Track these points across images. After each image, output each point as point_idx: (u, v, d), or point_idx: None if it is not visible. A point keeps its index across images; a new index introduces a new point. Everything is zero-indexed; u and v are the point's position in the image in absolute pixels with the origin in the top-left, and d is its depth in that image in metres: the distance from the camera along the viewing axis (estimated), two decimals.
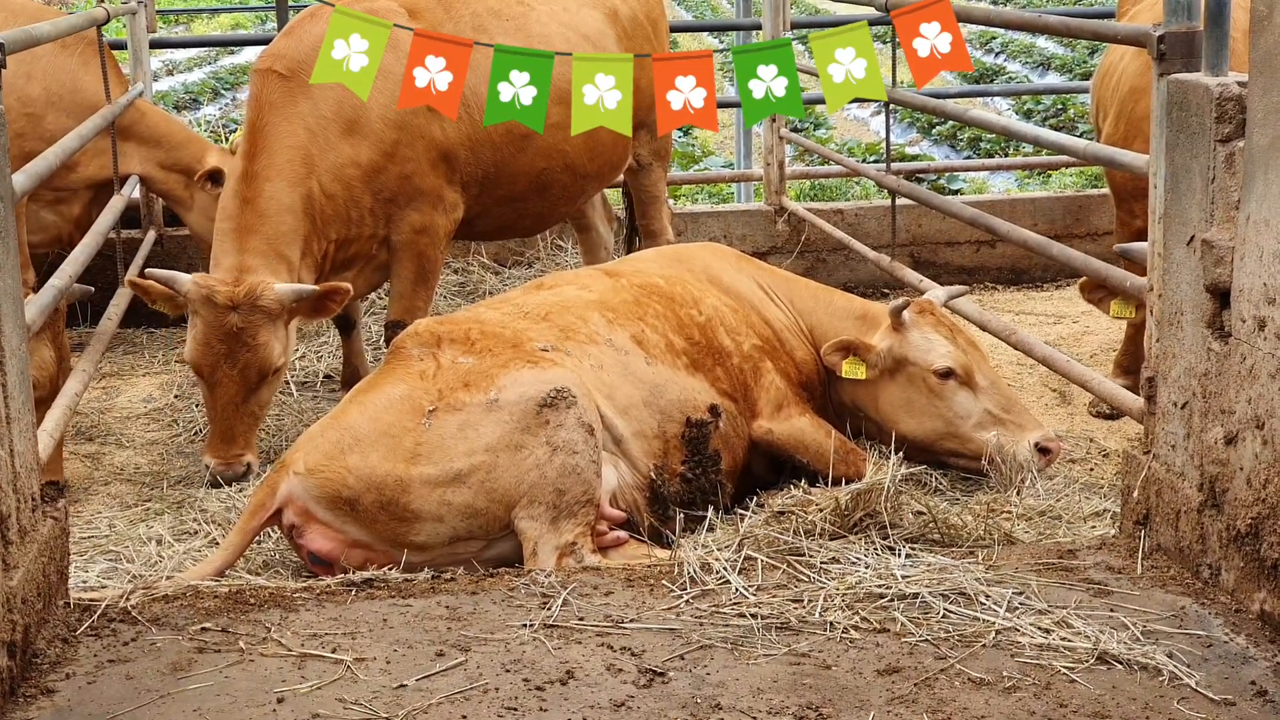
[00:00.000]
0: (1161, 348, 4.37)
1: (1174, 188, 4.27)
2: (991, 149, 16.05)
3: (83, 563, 5.01)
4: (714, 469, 5.29)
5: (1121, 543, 4.50)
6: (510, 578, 4.37)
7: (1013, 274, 9.12)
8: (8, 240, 3.84)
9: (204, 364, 5.90)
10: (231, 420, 5.92)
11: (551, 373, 4.90)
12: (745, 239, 8.96)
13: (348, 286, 6.04)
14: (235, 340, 5.85)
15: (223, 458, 5.91)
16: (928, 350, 5.69)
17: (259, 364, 5.90)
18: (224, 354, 5.86)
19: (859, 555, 4.41)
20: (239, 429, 5.94)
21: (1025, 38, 25.67)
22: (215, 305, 5.85)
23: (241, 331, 5.85)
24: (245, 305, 5.84)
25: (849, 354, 5.70)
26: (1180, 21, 4.37)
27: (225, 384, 5.89)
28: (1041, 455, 5.54)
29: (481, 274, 8.79)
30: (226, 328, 5.84)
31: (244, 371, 5.88)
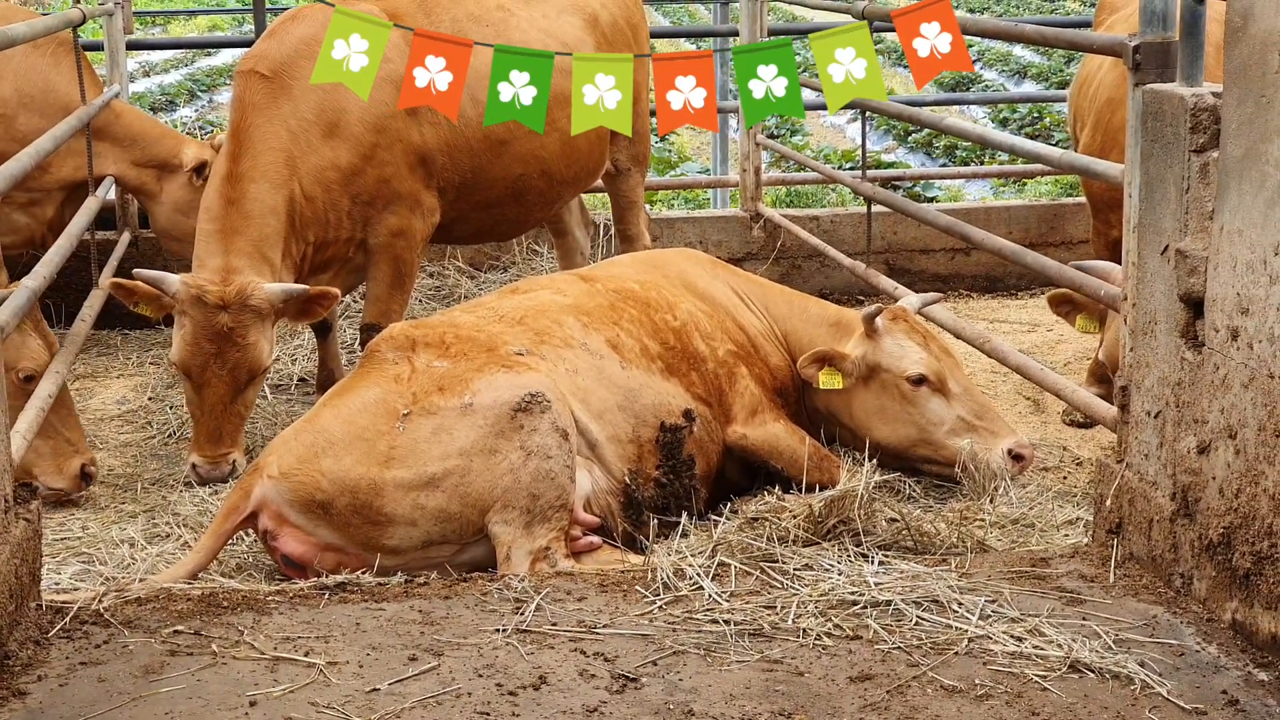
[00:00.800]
0: (1135, 357, 4.39)
1: (1148, 197, 4.29)
2: (967, 157, 16.11)
3: (55, 564, 4.98)
4: (688, 474, 5.29)
5: (1094, 551, 4.52)
6: (483, 583, 4.37)
7: (987, 282, 9.15)
8: None
9: (193, 364, 5.89)
10: (219, 419, 5.91)
11: (526, 377, 4.90)
12: (721, 245, 8.97)
13: (336, 291, 6.05)
14: (225, 340, 5.85)
15: (209, 456, 5.90)
16: (900, 357, 5.70)
17: (249, 363, 5.90)
18: (213, 354, 5.85)
19: (832, 562, 4.42)
20: (226, 428, 5.93)
21: (1001, 46, 25.76)
22: (205, 305, 5.84)
23: (231, 331, 5.84)
24: (235, 305, 5.84)
25: (825, 365, 5.69)
26: (1155, 32, 4.40)
27: (214, 384, 5.88)
28: (1015, 462, 5.55)
29: (457, 278, 8.78)
30: (216, 327, 5.84)
31: (234, 371, 5.88)
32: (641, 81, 7.59)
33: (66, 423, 5.71)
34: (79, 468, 5.69)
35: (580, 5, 7.17)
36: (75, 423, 5.79)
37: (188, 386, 5.99)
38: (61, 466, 5.67)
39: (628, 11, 7.51)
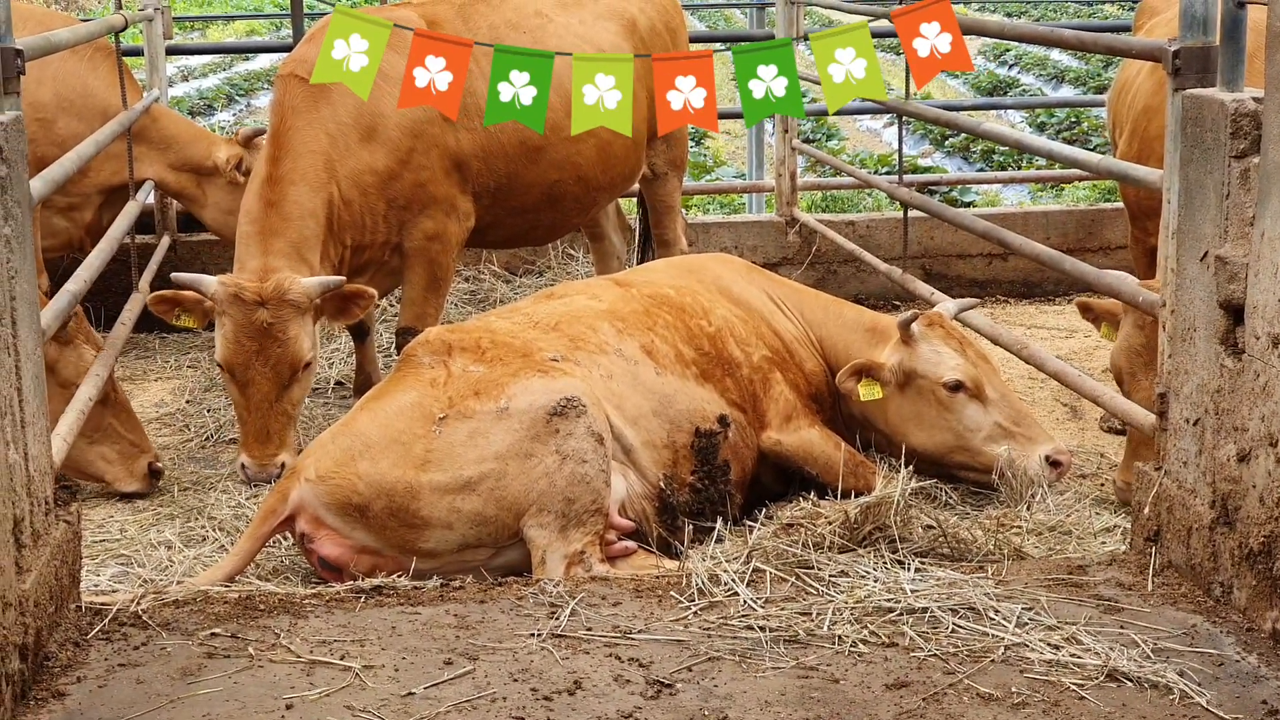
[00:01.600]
0: (1174, 363, 4.36)
1: (1188, 203, 4.26)
2: (1004, 161, 16.05)
3: (94, 566, 5.02)
4: (723, 479, 5.29)
5: (1132, 559, 4.50)
6: (519, 587, 4.37)
7: (1025, 288, 9.11)
8: (25, 246, 3.86)
9: (235, 363, 5.91)
10: (265, 418, 5.91)
11: (561, 382, 4.91)
12: (756, 250, 8.97)
13: (372, 291, 6.06)
14: (265, 336, 5.87)
15: (258, 458, 5.90)
16: (937, 363, 5.68)
17: (290, 358, 5.91)
18: (255, 351, 5.87)
19: (868, 569, 4.41)
20: (273, 427, 5.93)
21: (1039, 50, 25.66)
22: (244, 302, 5.87)
23: (271, 327, 5.87)
24: (273, 300, 5.87)
25: (863, 377, 5.67)
26: (1196, 37, 4.37)
27: (258, 381, 5.89)
28: (1052, 468, 5.52)
29: (493, 282, 8.80)
30: (256, 324, 5.86)
31: (276, 367, 5.89)
32: None
33: (128, 425, 5.81)
34: (146, 467, 5.83)
35: (618, 10, 7.17)
36: (136, 423, 5.90)
37: (232, 387, 6.01)
38: (131, 469, 5.81)
39: (666, 16, 7.51)
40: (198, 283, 5.98)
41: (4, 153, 3.70)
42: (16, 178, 3.82)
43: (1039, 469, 5.49)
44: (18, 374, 3.73)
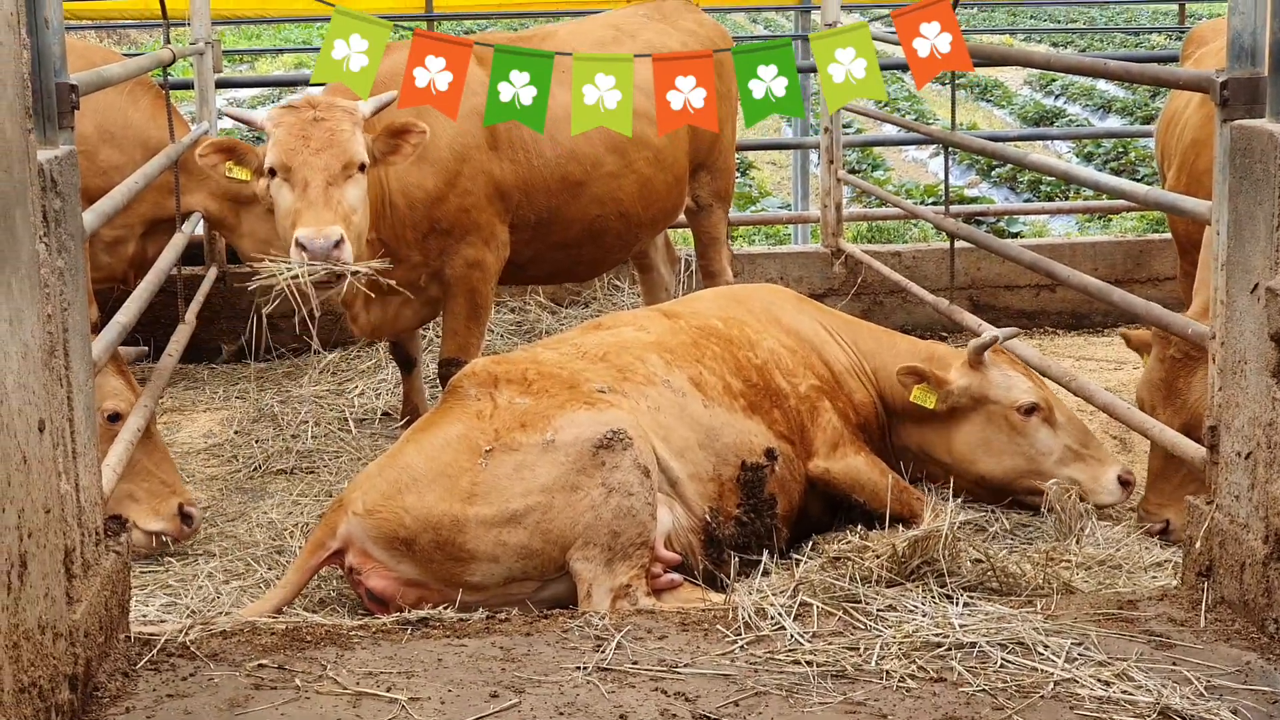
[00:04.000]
0: (1224, 396, 4.32)
1: (1237, 235, 4.23)
2: (1052, 192, 15.99)
3: (143, 597, 5.04)
4: (769, 513, 5.27)
5: (1184, 594, 4.45)
6: (564, 619, 4.37)
7: (1073, 319, 9.06)
8: (78, 278, 3.89)
9: (285, 155, 5.74)
10: (320, 196, 5.68)
11: (608, 414, 4.91)
12: (802, 280, 8.96)
13: (424, 127, 5.93)
14: (314, 127, 5.76)
15: (311, 223, 5.61)
16: (1009, 388, 5.75)
17: (340, 146, 5.75)
18: (303, 140, 5.73)
19: (916, 603, 4.38)
20: (329, 203, 5.68)
21: (1086, 80, 25.57)
22: (295, 108, 5.82)
23: (321, 121, 5.77)
24: (324, 105, 5.83)
25: (921, 381, 5.71)
26: (1244, 67, 4.34)
27: (310, 164, 5.71)
28: (1123, 488, 5.68)
29: (538, 313, 8.81)
30: (306, 120, 5.77)
31: (327, 153, 5.73)
32: (726, 117, 7.60)
33: (160, 464, 5.59)
34: (176, 507, 5.54)
35: (657, 46, 7.17)
36: (169, 464, 5.67)
37: (283, 190, 5.78)
38: (158, 508, 5.52)
39: (715, 34, 7.56)
40: (248, 115, 5.97)
41: (58, 186, 3.74)
42: (70, 211, 3.86)
43: (1113, 489, 5.68)
44: (70, 405, 3.76)
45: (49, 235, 3.64)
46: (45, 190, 3.64)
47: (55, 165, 3.74)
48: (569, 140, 6.69)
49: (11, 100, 3.35)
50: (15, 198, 3.35)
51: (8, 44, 3.35)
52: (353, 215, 5.75)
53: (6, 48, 3.34)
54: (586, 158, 6.78)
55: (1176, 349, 5.35)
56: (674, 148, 7.13)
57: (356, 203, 5.80)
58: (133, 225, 7.55)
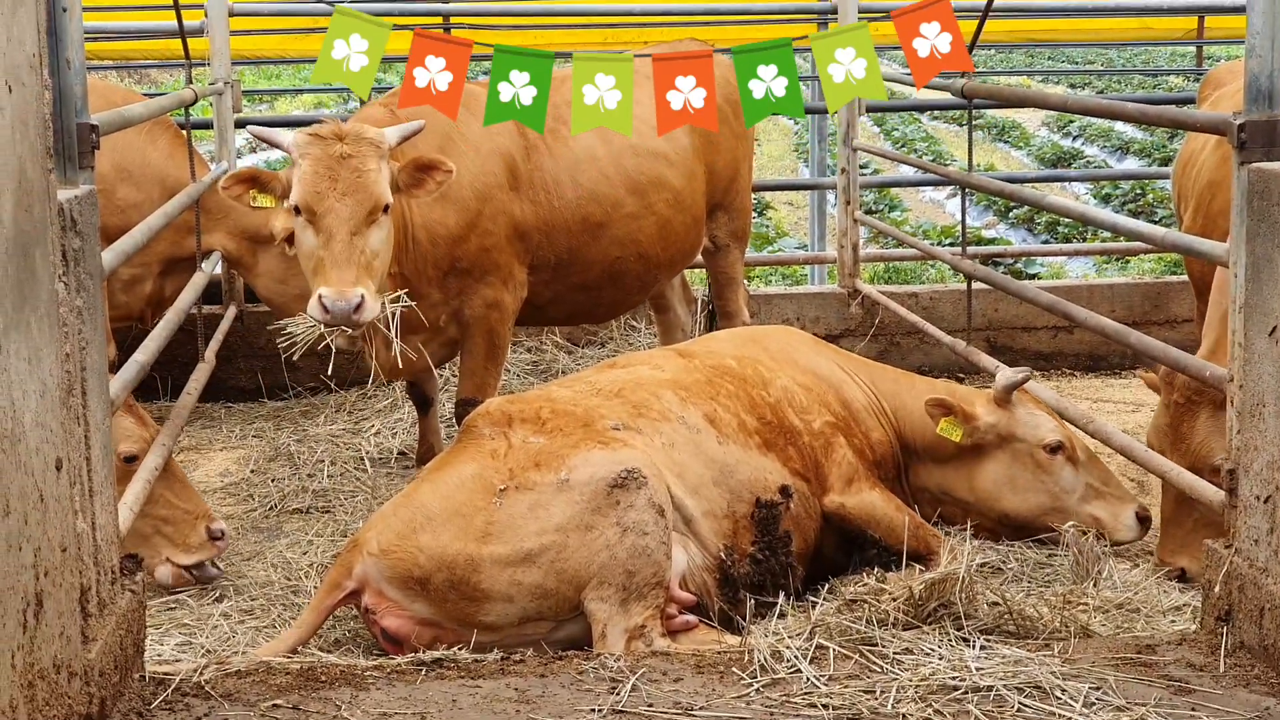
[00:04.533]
0: (1243, 440, 4.31)
1: (1255, 277, 4.22)
2: (1069, 233, 16.00)
3: (158, 636, 5.04)
4: (784, 550, 5.26)
5: (1203, 639, 4.42)
6: (579, 661, 4.35)
7: (1090, 360, 9.05)
8: (96, 317, 3.91)
9: (312, 198, 5.71)
10: (344, 250, 5.64)
11: (622, 454, 4.90)
12: (819, 321, 8.96)
13: (451, 166, 5.90)
14: (342, 167, 5.72)
15: (335, 283, 5.58)
16: (1036, 426, 5.84)
17: (367, 190, 5.71)
18: (331, 182, 5.70)
19: (933, 646, 4.36)
20: (352, 258, 5.64)
21: (1104, 122, 25.61)
22: (321, 139, 5.78)
23: (348, 159, 5.73)
24: (351, 136, 5.78)
25: (948, 414, 5.75)
26: (1262, 110, 4.34)
27: (336, 211, 5.67)
28: (1141, 525, 5.75)
29: (555, 353, 8.83)
30: (333, 157, 5.73)
31: (353, 198, 5.69)
32: (742, 157, 7.62)
33: (181, 494, 5.61)
34: (204, 532, 5.57)
35: None
36: (190, 493, 5.67)
37: (308, 231, 5.77)
38: (188, 539, 5.55)
39: (727, 90, 7.52)
40: (274, 135, 5.95)
41: (78, 225, 3.76)
42: (89, 250, 3.88)
43: (1132, 526, 5.75)
44: (87, 444, 3.76)
45: (68, 274, 3.66)
46: (65, 229, 3.66)
47: (75, 205, 3.76)
48: (590, 182, 6.72)
49: (33, 140, 3.38)
50: (35, 237, 3.37)
51: (30, 85, 3.38)
52: (374, 261, 5.75)
53: (29, 88, 3.37)
54: (607, 199, 6.80)
55: (1179, 393, 5.36)
56: (692, 189, 7.16)
57: (379, 246, 5.79)
58: (150, 264, 7.58)
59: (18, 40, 3.28)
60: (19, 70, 3.28)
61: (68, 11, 3.91)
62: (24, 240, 3.28)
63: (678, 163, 7.07)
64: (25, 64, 3.34)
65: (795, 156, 23.98)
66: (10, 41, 3.23)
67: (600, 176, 6.79)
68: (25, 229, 3.29)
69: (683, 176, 7.08)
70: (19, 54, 3.29)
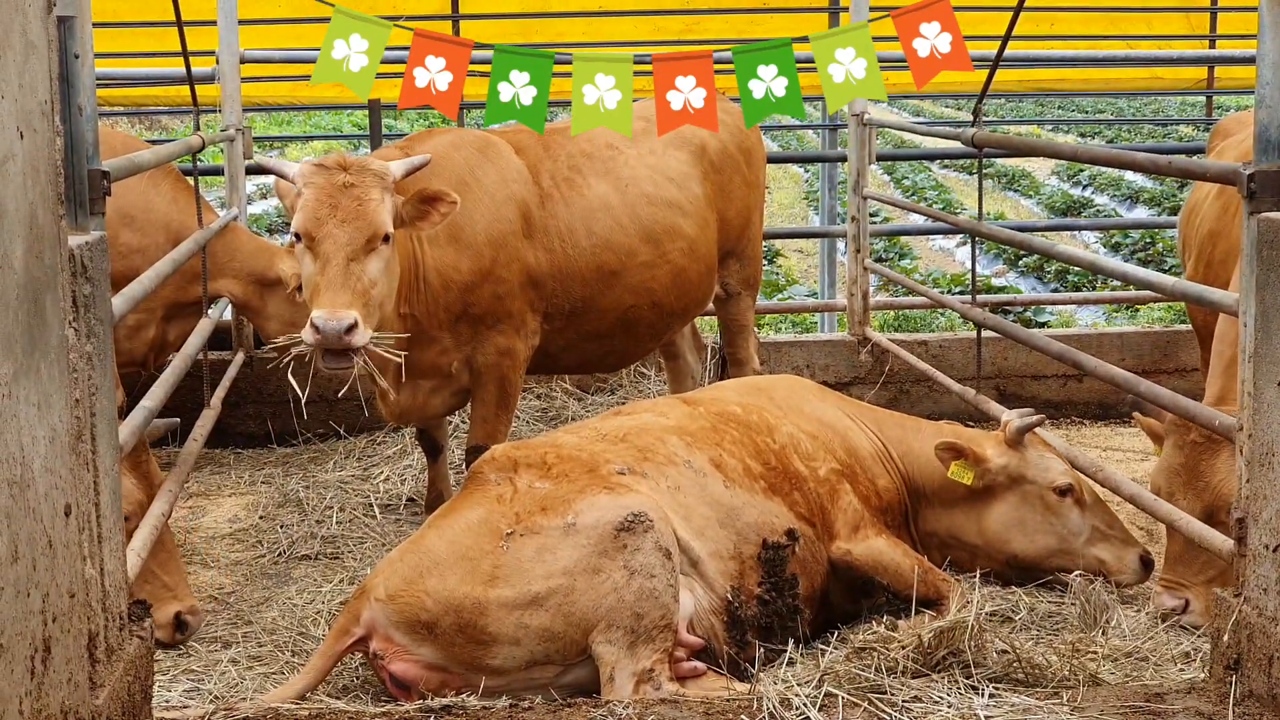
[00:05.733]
0: (1252, 489, 4.30)
1: (1264, 327, 4.22)
2: (1079, 282, 16.00)
3: (166, 682, 5.03)
4: (791, 592, 5.25)
5: (1212, 687, 4.40)
6: (588, 708, 4.33)
7: (1100, 409, 9.04)
8: (105, 363, 3.92)
9: (312, 224, 5.73)
10: (340, 275, 5.65)
11: (628, 498, 4.91)
12: (828, 369, 8.96)
13: (455, 198, 5.90)
14: (344, 195, 5.73)
15: (328, 305, 5.58)
16: (1046, 469, 5.87)
17: (367, 218, 5.72)
18: (331, 209, 5.71)
19: (941, 694, 4.34)
20: (347, 283, 5.64)
21: (1113, 171, 25.65)
22: (325, 168, 5.79)
23: (350, 188, 5.74)
24: (355, 167, 5.79)
25: (960, 457, 5.77)
26: (1271, 160, 4.35)
27: (333, 235, 5.68)
28: (1145, 569, 5.79)
29: (564, 400, 8.83)
30: (335, 185, 5.74)
31: (352, 224, 5.68)
32: (754, 205, 7.64)
33: (165, 566, 5.39)
34: (173, 615, 5.37)
35: (687, 137, 7.20)
36: (175, 566, 5.47)
37: (307, 257, 5.78)
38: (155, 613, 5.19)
39: (739, 137, 7.55)
40: (280, 167, 5.96)
41: (88, 271, 3.77)
42: (100, 296, 3.89)
43: (1136, 569, 5.79)
44: (96, 490, 3.77)
45: (78, 320, 3.67)
46: (75, 276, 3.67)
47: (86, 251, 3.78)
48: (604, 230, 6.75)
49: (44, 187, 3.40)
50: (46, 283, 3.38)
51: (41, 131, 3.40)
52: (372, 289, 5.75)
53: (40, 135, 3.39)
54: (621, 247, 6.82)
55: (1198, 433, 5.36)
56: (706, 237, 7.18)
57: (377, 275, 5.79)
58: (154, 309, 7.60)
59: (29, 87, 3.30)
60: (31, 117, 3.30)
61: (80, 59, 3.94)
62: (35, 286, 3.29)
63: (692, 212, 7.09)
64: (37, 110, 3.37)
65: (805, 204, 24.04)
66: (22, 88, 3.25)
67: (615, 225, 6.81)
68: (36, 275, 3.31)
69: (697, 225, 7.10)
70: (31, 101, 3.31)
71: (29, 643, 3.15)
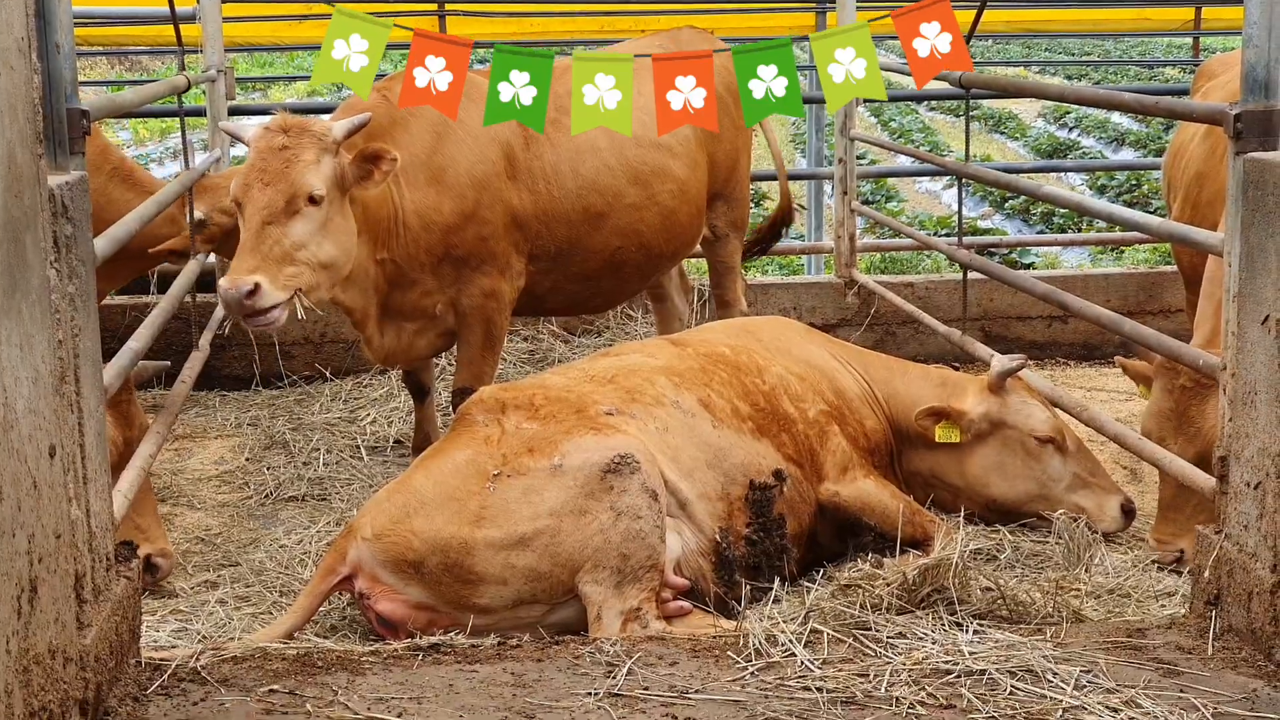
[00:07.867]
0: (1234, 427, 4.32)
1: (1249, 266, 4.24)
2: (1065, 224, 16.00)
3: (154, 622, 5.05)
4: (778, 532, 5.28)
5: (1192, 623, 4.44)
6: (575, 645, 4.36)
7: (1085, 350, 9.06)
8: (89, 304, 3.91)
9: (239, 190, 5.67)
10: (252, 239, 5.56)
11: (615, 439, 4.92)
12: (815, 311, 8.97)
13: (395, 155, 5.81)
14: (275, 157, 5.66)
15: (231, 273, 5.51)
16: (1028, 415, 5.89)
17: (291, 179, 5.63)
18: (260, 172, 5.64)
19: (926, 630, 4.37)
20: (260, 249, 5.54)
21: (1100, 113, 25.60)
22: (267, 131, 5.74)
23: (284, 150, 5.67)
24: (295, 128, 5.74)
25: (941, 419, 5.79)
26: (1258, 100, 4.35)
27: (255, 198, 5.62)
28: (1126, 517, 5.82)
29: (551, 342, 8.83)
30: (272, 148, 5.67)
31: (274, 185, 5.61)
32: (742, 147, 7.62)
33: (138, 507, 5.28)
34: (144, 558, 5.15)
35: None
36: (149, 508, 5.43)
37: (240, 224, 5.70)
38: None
39: (728, 79, 7.51)
40: (239, 131, 5.94)
41: (69, 211, 3.76)
42: (81, 236, 3.88)
43: (1117, 517, 5.81)
44: (80, 431, 3.77)
45: (60, 261, 3.66)
46: (56, 216, 3.66)
47: (66, 191, 3.76)
48: (591, 172, 6.70)
49: (22, 126, 3.38)
50: (26, 223, 3.37)
51: (19, 69, 3.38)
52: (297, 251, 5.64)
53: (18, 73, 3.37)
54: (609, 189, 6.78)
55: (1187, 378, 5.36)
56: (695, 178, 7.15)
57: (305, 236, 5.66)
58: None
59: (5, 23, 3.27)
60: (7, 54, 3.28)
61: None
62: (14, 226, 3.28)
63: (680, 153, 7.06)
64: (13, 48, 3.34)
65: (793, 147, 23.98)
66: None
67: (602, 167, 6.77)
68: (15, 215, 3.29)
69: (686, 166, 7.08)
70: (7, 37, 3.28)
71: (15, 583, 3.16)
